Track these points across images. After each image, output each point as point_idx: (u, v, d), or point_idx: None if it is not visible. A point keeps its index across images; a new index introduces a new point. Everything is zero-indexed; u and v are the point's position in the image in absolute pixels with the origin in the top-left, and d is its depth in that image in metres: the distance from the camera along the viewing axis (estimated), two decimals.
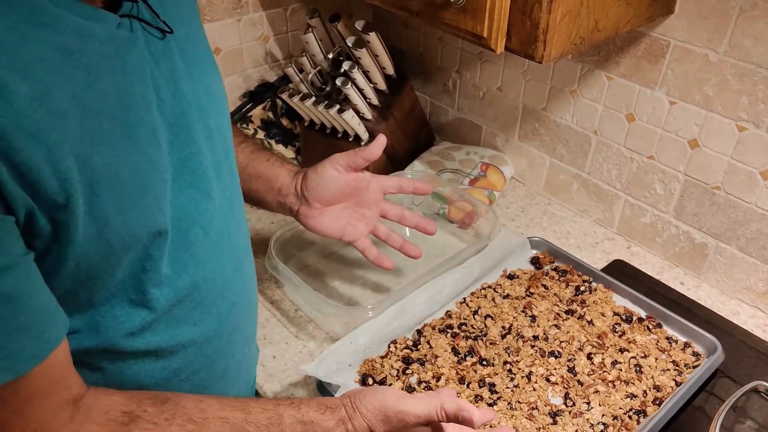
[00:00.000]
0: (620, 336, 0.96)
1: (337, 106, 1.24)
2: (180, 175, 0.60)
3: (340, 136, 1.33)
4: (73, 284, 0.53)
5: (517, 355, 0.93)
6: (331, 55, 1.28)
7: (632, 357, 0.93)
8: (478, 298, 1.04)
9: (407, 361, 0.92)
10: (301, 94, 1.29)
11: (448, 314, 1.01)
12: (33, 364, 0.48)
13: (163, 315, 0.62)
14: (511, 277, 1.08)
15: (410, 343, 0.96)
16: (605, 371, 0.91)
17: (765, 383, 0.87)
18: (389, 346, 0.96)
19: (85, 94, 0.49)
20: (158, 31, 0.58)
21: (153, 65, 0.57)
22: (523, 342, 0.95)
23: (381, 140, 0.90)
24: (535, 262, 1.12)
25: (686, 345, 0.95)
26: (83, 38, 0.49)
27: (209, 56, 0.70)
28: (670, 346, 0.95)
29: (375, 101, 1.31)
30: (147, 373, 0.64)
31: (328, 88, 1.30)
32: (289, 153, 1.41)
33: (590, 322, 0.98)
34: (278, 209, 0.95)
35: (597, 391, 0.88)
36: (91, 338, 0.58)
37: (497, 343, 0.95)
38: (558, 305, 1.02)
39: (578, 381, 0.90)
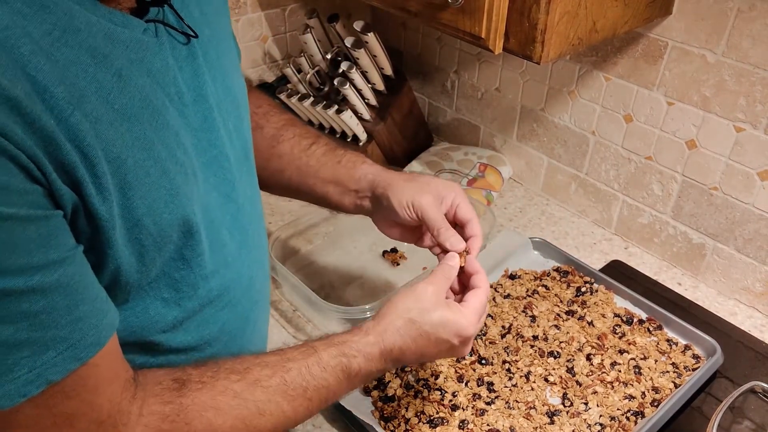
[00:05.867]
0: (620, 337, 0.96)
1: (336, 107, 1.24)
2: (205, 178, 0.62)
3: (338, 136, 1.33)
4: (110, 283, 0.54)
5: (516, 355, 0.93)
6: (329, 56, 1.28)
7: (632, 358, 0.93)
8: None
9: None
10: (299, 95, 1.29)
11: None
12: (95, 351, 0.50)
13: (195, 315, 0.64)
14: (512, 277, 1.08)
15: None
16: (604, 372, 0.91)
17: (762, 383, 0.88)
18: None
19: (116, 98, 0.50)
20: (182, 35, 0.59)
21: (177, 70, 0.57)
22: (523, 342, 0.95)
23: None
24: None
25: (686, 347, 0.96)
26: (113, 43, 0.50)
27: (233, 56, 0.70)
28: (671, 348, 0.95)
29: (373, 102, 1.31)
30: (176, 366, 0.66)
31: (326, 89, 1.30)
32: None
33: (590, 323, 0.98)
34: (355, 211, 0.86)
35: (595, 392, 0.88)
36: (124, 334, 0.59)
37: (497, 342, 0.95)
38: (558, 306, 1.02)
39: (577, 381, 0.90)
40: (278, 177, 0.87)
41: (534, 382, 0.90)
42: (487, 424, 0.84)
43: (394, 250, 1.16)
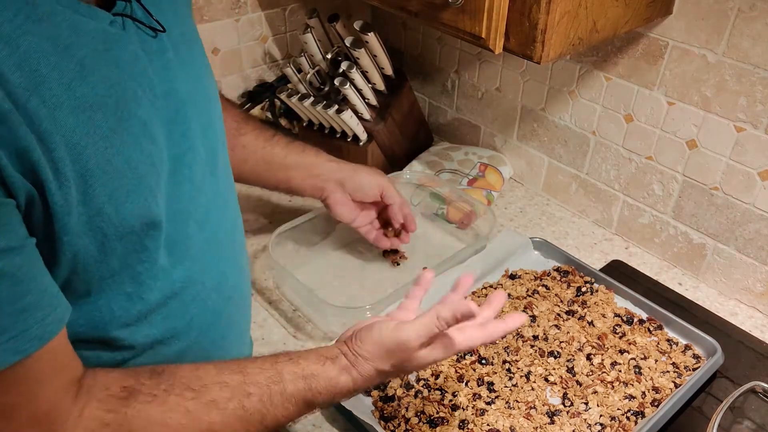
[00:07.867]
0: (620, 337, 0.96)
1: (336, 107, 1.24)
2: (176, 169, 0.62)
3: (338, 136, 1.33)
4: (70, 274, 0.54)
5: (517, 355, 0.93)
6: (329, 56, 1.28)
7: (632, 358, 0.93)
8: (479, 297, 1.04)
9: None
10: (299, 94, 1.29)
11: None
12: (38, 345, 0.49)
13: (159, 308, 0.64)
14: (512, 277, 1.08)
15: None
16: (604, 372, 0.91)
17: (763, 384, 0.87)
18: None
19: (78, 87, 0.50)
20: (151, 30, 0.59)
21: (147, 62, 0.58)
22: (523, 342, 0.95)
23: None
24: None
25: (687, 347, 0.95)
26: (77, 33, 0.50)
27: (203, 54, 0.71)
28: (671, 348, 0.95)
29: (373, 101, 1.31)
30: (143, 364, 0.65)
31: (326, 89, 1.30)
32: None
33: (591, 323, 0.98)
34: (311, 193, 1.04)
35: (595, 392, 0.88)
36: (87, 329, 0.59)
37: (497, 342, 0.95)
38: (559, 305, 1.02)
39: (577, 381, 0.90)
40: (241, 167, 0.96)
41: (534, 381, 0.90)
42: (487, 424, 0.83)
43: (394, 251, 1.15)
